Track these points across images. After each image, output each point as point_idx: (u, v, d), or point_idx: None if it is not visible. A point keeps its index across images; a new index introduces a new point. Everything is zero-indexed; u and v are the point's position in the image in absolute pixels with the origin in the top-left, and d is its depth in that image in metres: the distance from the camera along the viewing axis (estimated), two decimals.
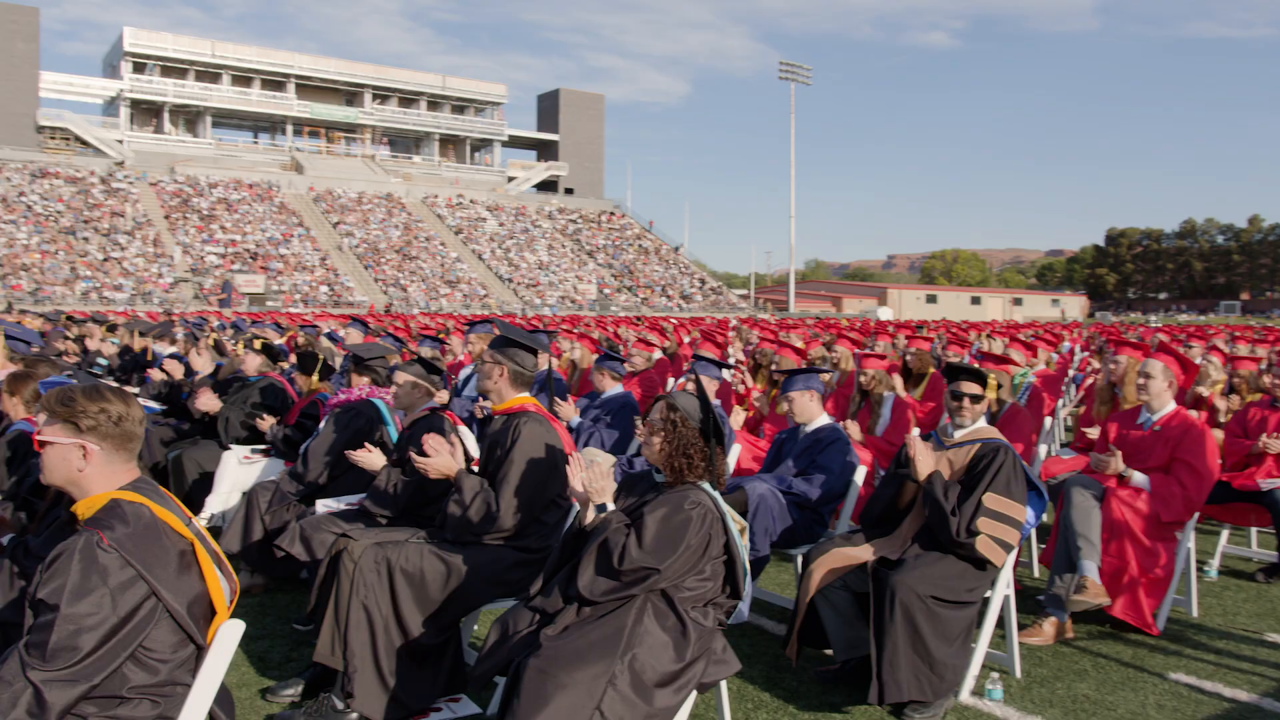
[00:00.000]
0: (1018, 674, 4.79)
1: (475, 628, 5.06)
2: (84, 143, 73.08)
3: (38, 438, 2.77)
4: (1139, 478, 5.48)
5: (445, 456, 4.45)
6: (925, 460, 4.64)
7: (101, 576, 2.57)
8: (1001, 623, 4.83)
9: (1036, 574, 6.51)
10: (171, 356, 11.11)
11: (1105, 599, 5.21)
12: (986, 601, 4.66)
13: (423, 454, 4.58)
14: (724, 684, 3.72)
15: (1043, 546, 6.61)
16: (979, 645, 4.60)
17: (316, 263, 65.35)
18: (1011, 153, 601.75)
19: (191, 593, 2.74)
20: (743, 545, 3.62)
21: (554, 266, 74.86)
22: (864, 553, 4.62)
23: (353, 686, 4.08)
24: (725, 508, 3.60)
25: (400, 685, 4.19)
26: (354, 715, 4.12)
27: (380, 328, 15.56)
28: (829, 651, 4.86)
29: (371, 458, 5.15)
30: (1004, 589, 4.69)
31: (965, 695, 4.51)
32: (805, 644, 4.72)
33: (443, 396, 5.51)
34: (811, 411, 5.71)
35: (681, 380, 9.28)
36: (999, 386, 6.30)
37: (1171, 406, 5.73)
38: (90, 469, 2.75)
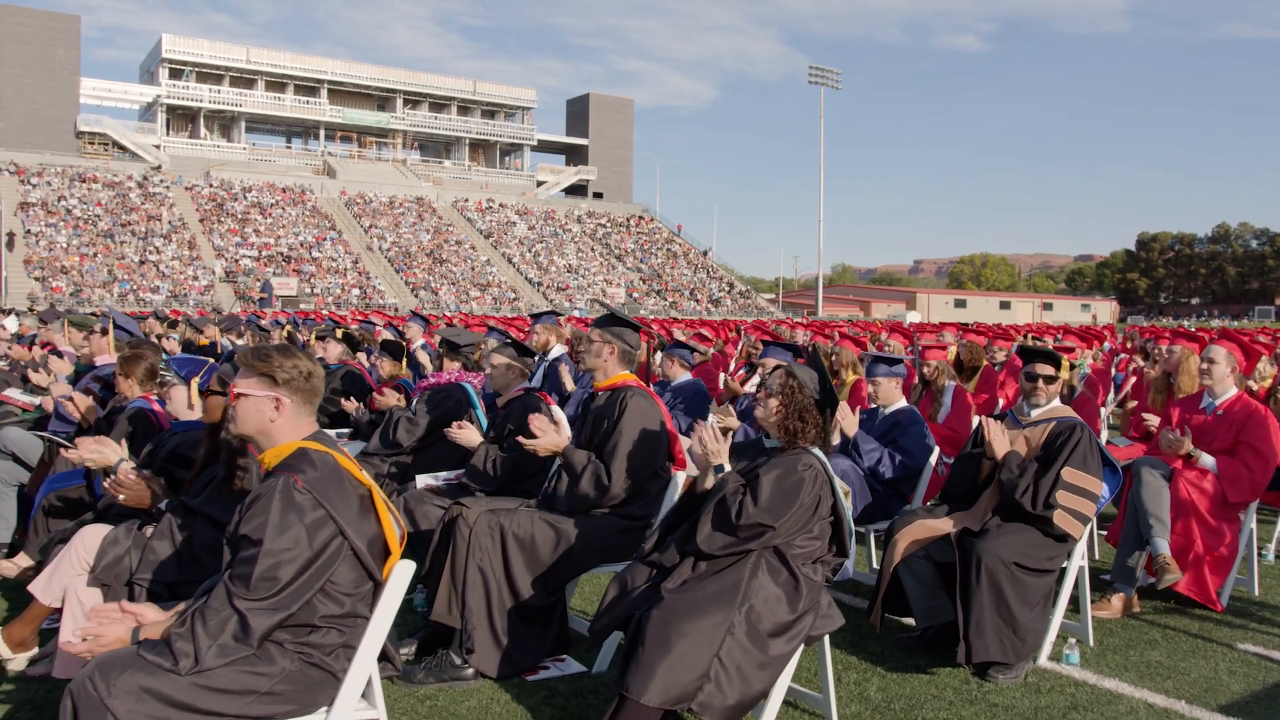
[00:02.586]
0: (1091, 642, 5.02)
1: (571, 600, 5.31)
2: (122, 147, 74.12)
3: (234, 390, 3.05)
4: (1206, 459, 5.67)
5: (552, 434, 4.72)
6: (1000, 441, 4.87)
7: (298, 514, 2.85)
8: (1074, 599, 5.04)
9: (1098, 555, 6.71)
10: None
11: (1179, 573, 5.41)
12: (1063, 572, 4.88)
13: (524, 432, 4.87)
14: (826, 638, 3.97)
15: (1103, 533, 6.81)
16: (1056, 613, 4.82)
17: (348, 266, 66.00)
18: (1040, 156, 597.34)
19: (370, 533, 3.03)
20: (847, 507, 3.87)
21: (583, 270, 75.21)
22: (945, 524, 4.85)
23: (473, 643, 4.36)
24: (833, 472, 3.85)
25: (512, 643, 4.47)
26: (470, 670, 4.39)
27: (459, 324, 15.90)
28: (908, 621, 5.11)
29: (469, 434, 5.44)
30: (1079, 560, 4.91)
31: (1043, 660, 4.73)
32: (887, 612, 4.95)
33: None
34: (893, 395, 6.02)
35: (740, 372, 9.55)
36: (1071, 368, 6.53)
37: (1234, 391, 5.92)
38: (280, 420, 3.04)
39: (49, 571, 3.84)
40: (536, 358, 9.22)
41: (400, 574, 3.04)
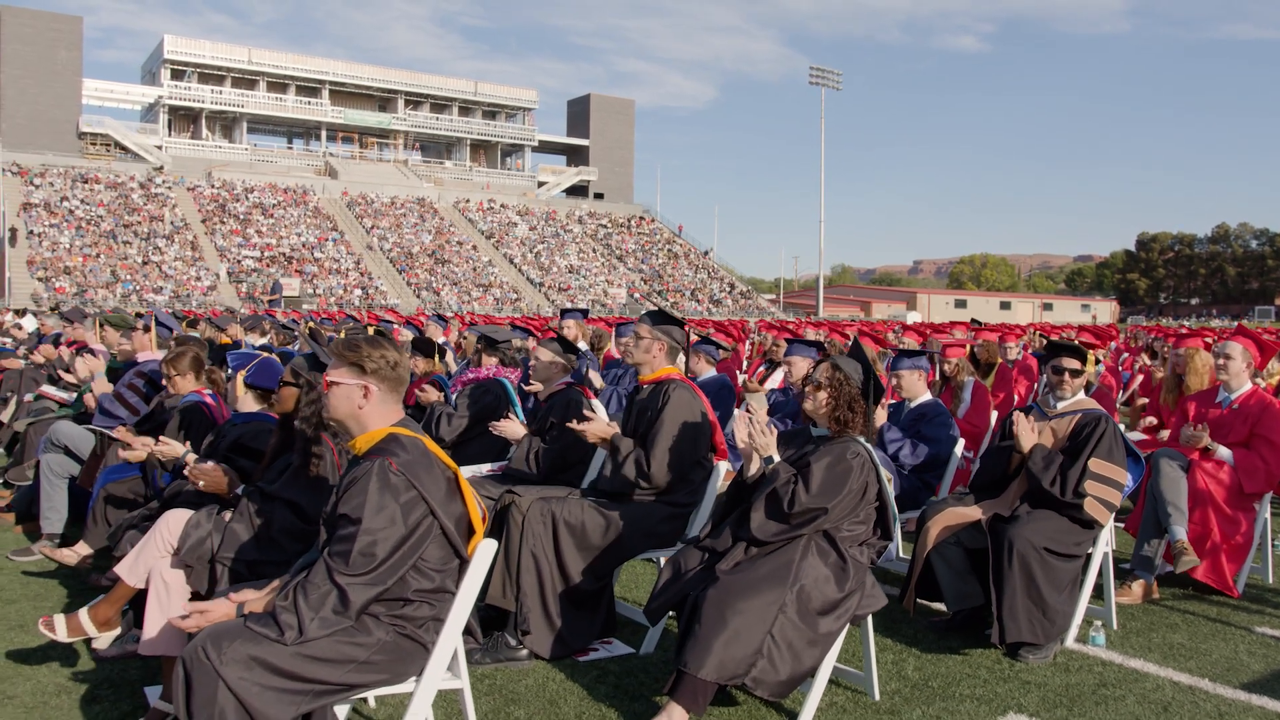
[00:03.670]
0: (1115, 625, 5.23)
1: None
2: (124, 148, 74.26)
3: (327, 378, 3.25)
4: (1223, 452, 5.88)
5: (601, 423, 4.93)
6: (1027, 436, 5.06)
7: (394, 495, 3.05)
8: (1097, 586, 5.25)
9: (1115, 545, 6.90)
10: (263, 348, 11.65)
11: (1197, 559, 5.61)
12: (1088, 558, 5.08)
13: (565, 426, 5.07)
14: (869, 618, 4.17)
15: (1119, 524, 7.01)
16: (1082, 597, 5.02)
17: (350, 266, 66.18)
18: (1040, 156, 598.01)
19: (457, 513, 3.23)
20: (891, 493, 4.07)
21: (584, 270, 75.40)
22: (976, 511, 5.06)
23: (528, 625, 4.56)
24: (878, 460, 4.05)
25: (565, 626, 4.67)
26: (525, 651, 4.60)
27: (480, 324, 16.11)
28: (938, 606, 5.31)
29: (513, 427, 5.63)
30: (1104, 546, 5.12)
31: (1070, 641, 4.95)
32: (918, 598, 5.15)
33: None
34: (917, 388, 6.22)
35: (761, 369, 9.76)
36: (1097, 362, 6.74)
37: (1249, 386, 6.13)
38: (369, 407, 3.23)
39: (134, 554, 4.03)
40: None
41: (484, 552, 3.24)
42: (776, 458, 4.12)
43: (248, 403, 5.01)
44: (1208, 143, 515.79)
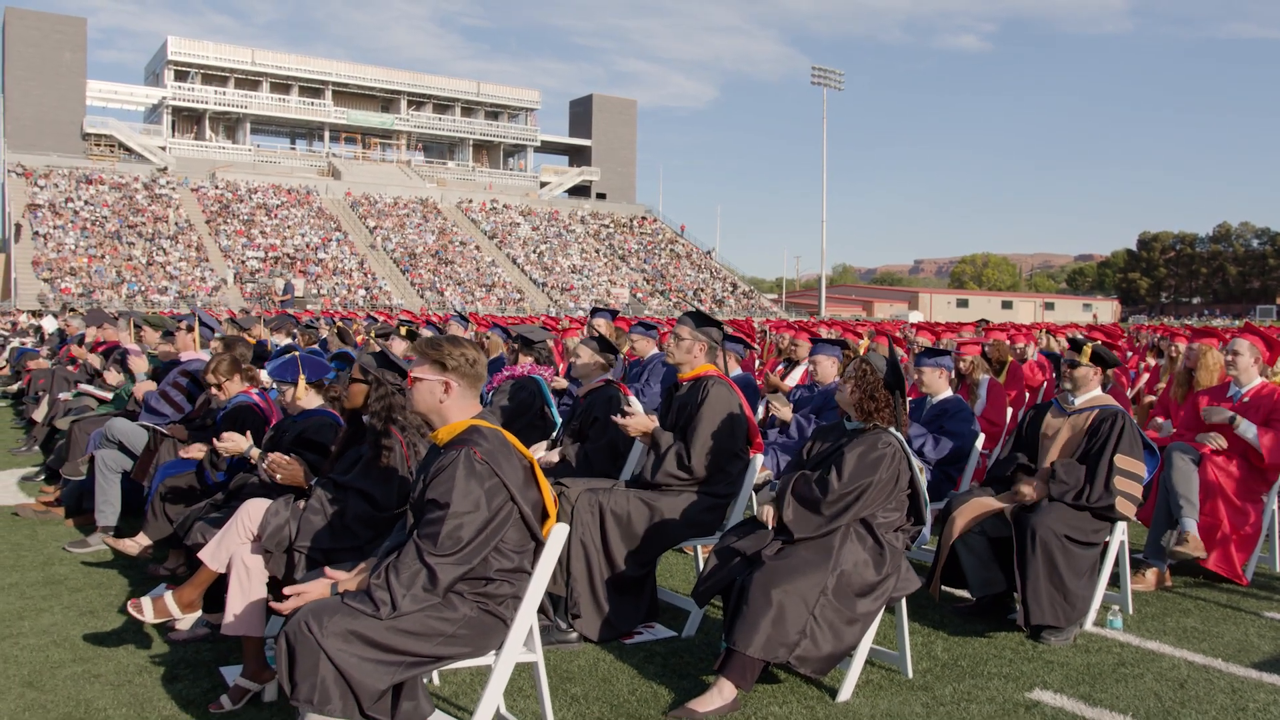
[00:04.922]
0: (1130, 610, 5.49)
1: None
2: (128, 149, 74.59)
3: (411, 375, 3.51)
4: (1246, 427, 6.10)
5: (643, 417, 5.20)
6: (1029, 490, 5.26)
7: (478, 481, 3.32)
8: (1113, 574, 5.51)
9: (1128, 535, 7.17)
10: (287, 348, 11.90)
11: (1203, 552, 5.88)
12: (1105, 546, 5.34)
13: (606, 421, 5.34)
14: (904, 601, 4.44)
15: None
16: (1100, 583, 5.29)
17: (354, 267, 66.44)
18: (1041, 156, 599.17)
19: (533, 499, 3.50)
20: (923, 481, 4.34)
21: (587, 270, 75.68)
22: (999, 502, 5.31)
23: (578, 609, 4.83)
24: (910, 450, 4.32)
25: (612, 610, 4.93)
26: (574, 635, 4.86)
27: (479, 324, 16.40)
28: (960, 592, 5.57)
29: (549, 457, 5.86)
30: (1120, 535, 5.38)
31: (1089, 625, 5.21)
32: (943, 584, 5.41)
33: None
34: (939, 385, 6.49)
35: (780, 368, 10.01)
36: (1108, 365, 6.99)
37: (1258, 380, 6.39)
38: (449, 401, 3.50)
39: (216, 541, 4.29)
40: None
41: (557, 535, 3.52)
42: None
43: (309, 400, 5.27)
44: (1209, 142, 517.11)
